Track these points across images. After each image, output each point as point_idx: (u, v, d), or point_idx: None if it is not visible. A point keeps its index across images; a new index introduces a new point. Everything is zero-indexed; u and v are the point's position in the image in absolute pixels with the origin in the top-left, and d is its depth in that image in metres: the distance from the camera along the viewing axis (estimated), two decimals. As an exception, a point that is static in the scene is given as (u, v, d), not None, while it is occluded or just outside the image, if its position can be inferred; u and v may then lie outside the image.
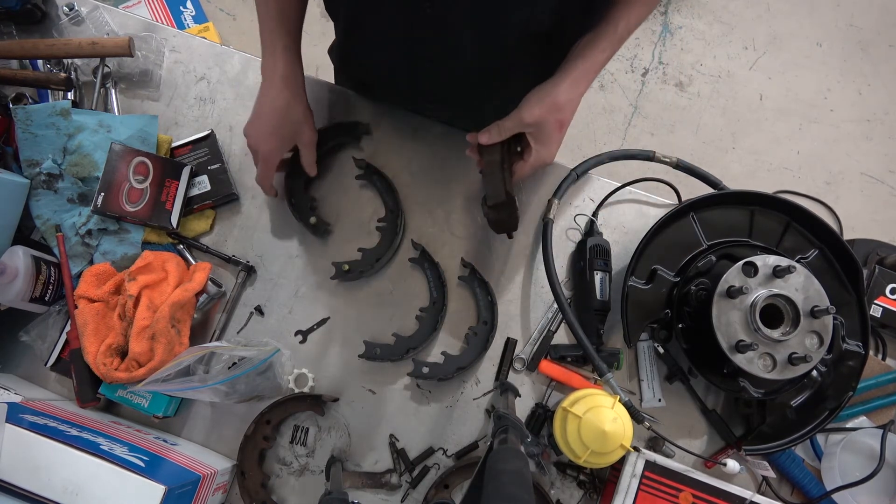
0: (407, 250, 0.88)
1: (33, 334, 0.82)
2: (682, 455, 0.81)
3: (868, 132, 2.10)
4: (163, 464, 0.71)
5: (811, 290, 0.75)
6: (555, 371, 0.84)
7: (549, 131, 0.71)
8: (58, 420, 0.73)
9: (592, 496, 0.82)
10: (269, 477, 0.82)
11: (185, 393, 0.74)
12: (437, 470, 0.83)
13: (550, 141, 0.72)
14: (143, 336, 0.77)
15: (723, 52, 2.16)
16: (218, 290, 0.86)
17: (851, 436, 0.82)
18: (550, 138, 0.72)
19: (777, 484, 0.83)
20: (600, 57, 0.70)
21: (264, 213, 0.90)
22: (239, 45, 2.06)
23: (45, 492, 0.66)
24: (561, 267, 0.89)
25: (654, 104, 2.12)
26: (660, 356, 0.83)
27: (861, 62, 2.15)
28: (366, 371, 0.85)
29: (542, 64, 0.76)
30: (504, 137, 0.74)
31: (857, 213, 2.01)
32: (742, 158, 2.08)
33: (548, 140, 0.72)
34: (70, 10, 0.94)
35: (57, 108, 0.84)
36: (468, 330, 0.85)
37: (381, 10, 0.70)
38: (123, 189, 0.83)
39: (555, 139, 0.72)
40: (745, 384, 0.76)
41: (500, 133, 0.73)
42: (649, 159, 0.89)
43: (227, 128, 0.92)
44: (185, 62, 0.94)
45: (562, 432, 0.75)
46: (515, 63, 0.76)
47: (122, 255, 0.85)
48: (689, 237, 0.83)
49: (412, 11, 0.65)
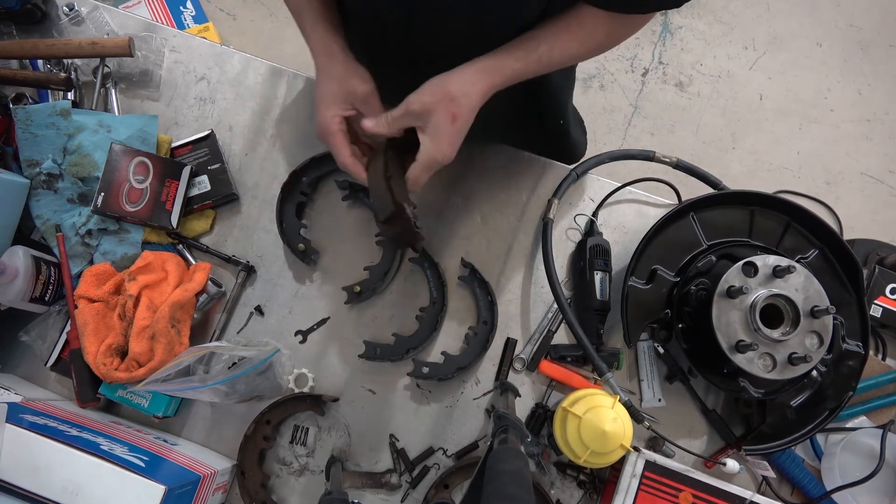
0: (407, 251, 0.88)
1: (33, 334, 0.82)
2: (682, 455, 0.82)
3: (868, 132, 2.10)
4: (163, 464, 0.71)
5: (811, 290, 0.75)
6: (555, 371, 0.84)
7: (437, 123, 0.65)
8: (58, 420, 0.73)
9: (592, 496, 0.82)
10: (269, 477, 0.82)
11: (185, 393, 0.74)
12: (437, 470, 0.83)
13: (440, 135, 0.65)
14: (143, 336, 0.77)
15: (723, 52, 2.16)
16: (218, 290, 0.86)
17: (851, 436, 0.82)
18: (440, 132, 0.65)
19: (777, 484, 0.83)
20: (512, 64, 0.66)
21: (264, 213, 0.90)
22: (239, 45, 2.07)
23: (45, 492, 0.66)
24: (561, 267, 0.89)
25: (654, 104, 2.12)
26: (660, 356, 0.83)
27: (861, 62, 2.15)
28: (366, 371, 0.85)
29: None
30: (393, 129, 0.68)
31: (857, 213, 2.01)
32: (742, 158, 2.08)
33: (437, 133, 0.65)
34: (70, 10, 0.94)
35: (57, 108, 0.84)
36: (468, 330, 0.85)
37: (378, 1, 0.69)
38: (123, 189, 0.83)
39: (445, 133, 0.65)
40: (745, 384, 0.76)
41: (389, 124, 0.67)
42: (649, 159, 0.90)
43: (227, 128, 0.92)
44: (185, 62, 0.94)
45: (562, 432, 0.75)
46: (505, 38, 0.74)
47: (122, 255, 0.85)
48: (689, 237, 0.83)
49: (410, 3, 0.65)
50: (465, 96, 0.65)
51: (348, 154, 0.71)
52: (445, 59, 0.74)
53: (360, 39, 0.82)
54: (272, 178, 0.91)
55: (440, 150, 0.66)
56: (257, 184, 0.91)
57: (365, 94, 0.69)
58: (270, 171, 0.91)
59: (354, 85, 0.69)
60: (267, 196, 0.90)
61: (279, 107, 0.93)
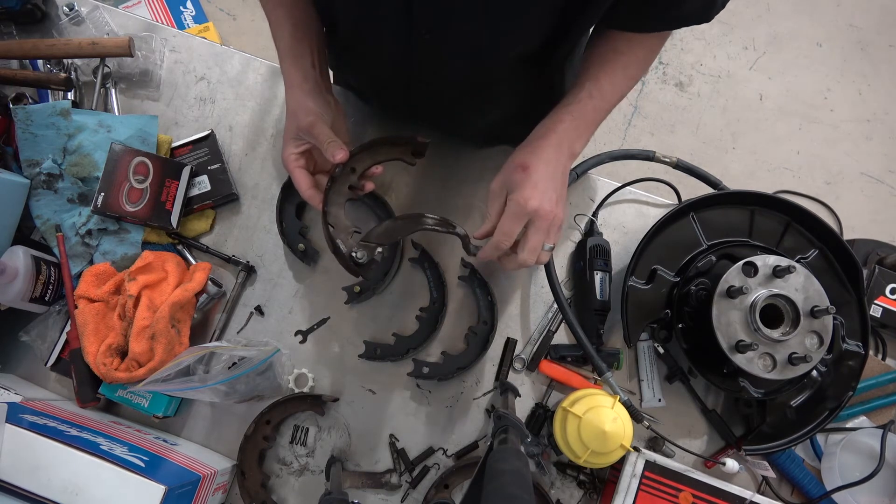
0: (407, 250, 0.88)
1: (33, 334, 0.82)
2: (682, 455, 0.82)
3: (868, 132, 2.10)
4: (163, 464, 0.71)
5: (811, 290, 0.75)
6: (555, 371, 0.84)
7: (511, 181, 0.67)
8: (58, 420, 0.73)
9: (592, 496, 0.82)
10: (269, 477, 0.82)
11: (185, 393, 0.74)
12: (437, 470, 0.83)
13: (518, 188, 0.66)
14: (143, 336, 0.77)
15: (723, 52, 2.16)
16: (218, 290, 0.86)
17: (851, 436, 0.82)
18: (516, 185, 0.67)
19: (777, 484, 0.83)
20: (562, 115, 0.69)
21: (264, 213, 0.90)
22: (239, 45, 2.07)
23: (45, 492, 0.66)
24: (561, 267, 0.89)
25: (654, 104, 2.12)
26: (660, 356, 0.83)
27: (861, 62, 2.15)
28: (366, 371, 0.85)
29: (531, 79, 0.76)
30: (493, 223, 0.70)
31: (857, 213, 2.01)
32: (742, 158, 2.08)
33: (515, 188, 0.67)
34: (70, 10, 0.94)
35: (57, 108, 0.84)
36: (468, 330, 0.85)
37: (379, 33, 0.69)
38: (123, 189, 0.83)
39: (521, 183, 0.66)
40: (745, 384, 0.76)
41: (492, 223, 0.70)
42: (649, 159, 0.90)
43: (227, 128, 0.92)
44: (185, 62, 0.94)
45: (562, 432, 0.75)
46: (505, 81, 0.75)
47: (122, 255, 0.85)
48: (689, 237, 0.83)
49: (409, 38, 0.65)
50: (531, 154, 0.67)
51: (306, 187, 0.73)
52: (444, 90, 0.75)
53: (360, 67, 0.82)
54: (272, 178, 0.91)
55: (522, 195, 0.65)
56: (257, 184, 0.91)
57: (307, 126, 0.70)
58: (270, 171, 0.91)
59: (300, 118, 0.71)
60: (267, 196, 0.90)
61: (279, 107, 0.93)
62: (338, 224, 0.71)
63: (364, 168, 0.75)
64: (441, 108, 0.84)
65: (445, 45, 0.66)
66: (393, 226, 0.73)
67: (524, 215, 0.66)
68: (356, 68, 0.85)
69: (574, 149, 0.70)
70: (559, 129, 0.69)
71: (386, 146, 0.75)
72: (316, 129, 0.70)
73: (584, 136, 0.71)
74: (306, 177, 0.74)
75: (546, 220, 0.66)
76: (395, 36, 0.66)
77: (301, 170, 0.74)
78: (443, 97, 0.79)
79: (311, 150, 0.75)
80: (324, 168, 0.78)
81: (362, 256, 0.70)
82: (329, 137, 0.70)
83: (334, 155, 0.68)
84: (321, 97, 0.73)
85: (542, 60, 0.72)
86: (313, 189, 0.74)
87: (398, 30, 0.64)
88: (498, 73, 0.72)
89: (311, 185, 0.74)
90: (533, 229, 0.67)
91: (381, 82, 0.82)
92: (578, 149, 0.70)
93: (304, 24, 0.73)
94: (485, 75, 0.72)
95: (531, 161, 0.67)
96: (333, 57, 0.92)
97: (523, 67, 0.72)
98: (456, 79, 0.73)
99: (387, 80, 0.79)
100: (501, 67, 0.71)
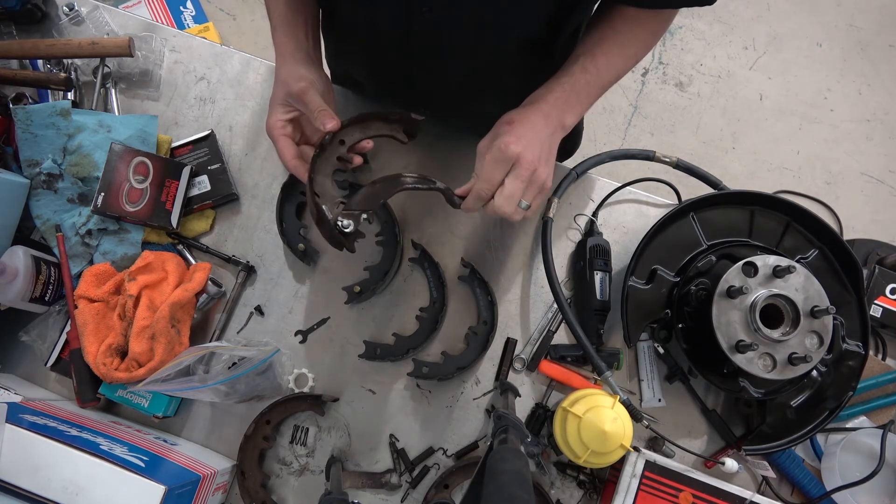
0: (407, 251, 0.88)
1: (33, 334, 0.82)
2: (682, 455, 0.82)
3: (868, 132, 2.10)
4: (163, 464, 0.71)
5: (811, 290, 0.75)
6: (555, 371, 0.84)
7: (497, 132, 0.67)
8: (58, 420, 0.73)
9: (592, 496, 0.82)
10: (269, 477, 0.82)
11: (185, 393, 0.74)
12: (437, 470, 0.83)
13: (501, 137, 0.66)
14: (143, 336, 0.77)
15: (723, 52, 2.16)
16: (218, 290, 0.86)
17: (851, 436, 0.82)
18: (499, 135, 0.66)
19: (777, 484, 0.83)
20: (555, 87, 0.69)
21: (264, 213, 0.90)
22: (239, 45, 2.07)
23: (45, 492, 0.66)
24: (561, 267, 0.89)
25: (654, 104, 2.12)
26: (660, 356, 0.83)
27: (861, 62, 2.15)
28: (366, 371, 0.85)
29: (535, 65, 0.76)
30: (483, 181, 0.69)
31: (857, 213, 2.01)
32: (742, 158, 2.08)
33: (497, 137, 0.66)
34: (70, 10, 0.94)
35: (57, 108, 0.84)
36: (468, 330, 0.85)
37: (377, 10, 0.69)
38: (123, 189, 0.83)
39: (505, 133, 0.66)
40: (745, 384, 0.76)
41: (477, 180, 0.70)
42: (649, 159, 0.90)
43: (227, 128, 0.92)
44: (185, 62, 0.94)
45: (562, 432, 0.75)
46: (509, 66, 0.75)
47: (122, 255, 0.85)
48: (689, 237, 0.83)
49: (410, 13, 0.65)
50: (518, 114, 0.67)
51: (291, 156, 0.71)
52: (445, 75, 0.74)
53: (361, 54, 0.82)
54: (272, 178, 0.91)
55: (504, 140, 0.65)
56: (257, 184, 0.91)
57: (299, 92, 0.69)
58: (270, 171, 0.91)
59: (291, 84, 0.69)
60: (267, 196, 0.90)
61: (279, 107, 0.93)
62: (324, 193, 0.69)
63: (354, 142, 0.73)
64: (442, 98, 0.83)
65: (445, 25, 0.65)
66: (373, 189, 0.70)
67: (505, 160, 0.65)
68: (356, 58, 0.85)
69: (564, 120, 0.69)
70: (549, 98, 0.68)
71: (378, 121, 0.74)
72: (308, 95, 0.69)
73: (576, 110, 0.70)
74: (291, 145, 0.72)
75: (527, 168, 0.65)
76: (393, 17, 0.66)
77: (286, 138, 0.72)
78: (444, 86, 0.79)
79: (297, 120, 0.73)
80: (310, 140, 0.76)
81: (348, 225, 0.67)
82: (320, 105, 0.68)
83: (325, 123, 0.67)
84: (313, 67, 0.72)
85: (544, 48, 0.72)
86: (298, 159, 0.72)
87: (397, 8, 0.64)
88: (500, 61, 0.72)
89: (296, 156, 0.72)
90: (512, 175, 0.66)
91: (381, 70, 0.81)
92: (569, 121, 0.70)
93: None
94: (487, 62, 0.72)
95: (517, 117, 0.67)
96: (332, 46, 0.91)
97: (525, 55, 0.72)
98: (457, 68, 0.72)
99: (387, 67, 0.79)
100: (503, 55, 0.70)
